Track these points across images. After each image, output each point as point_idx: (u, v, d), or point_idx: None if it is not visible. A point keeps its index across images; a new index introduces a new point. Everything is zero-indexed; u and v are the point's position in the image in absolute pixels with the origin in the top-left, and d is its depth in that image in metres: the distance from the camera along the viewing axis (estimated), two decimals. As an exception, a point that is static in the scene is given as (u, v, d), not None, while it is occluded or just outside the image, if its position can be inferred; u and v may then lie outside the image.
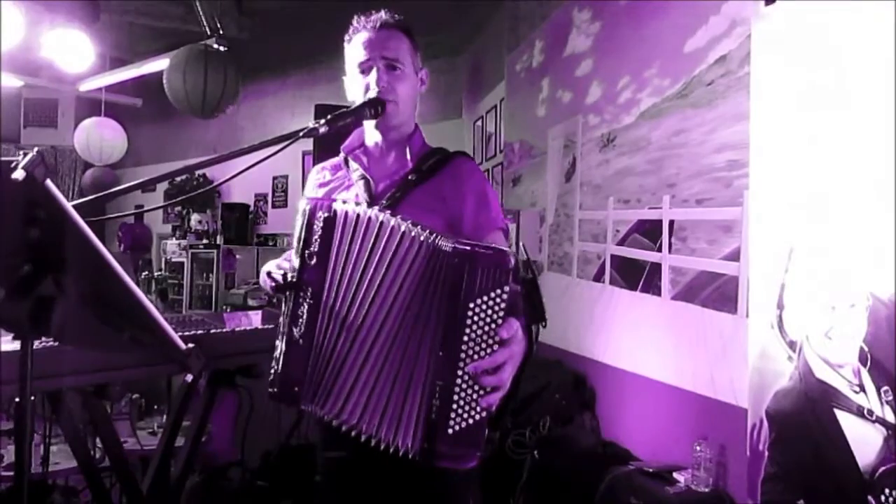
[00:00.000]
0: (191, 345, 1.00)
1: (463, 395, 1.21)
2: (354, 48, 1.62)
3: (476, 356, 1.21)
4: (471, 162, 1.68)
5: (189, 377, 1.11)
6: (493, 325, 1.21)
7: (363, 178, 1.65)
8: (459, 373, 1.21)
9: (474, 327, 1.21)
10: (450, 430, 1.21)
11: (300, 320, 1.38)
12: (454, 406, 1.21)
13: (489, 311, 1.20)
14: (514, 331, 1.22)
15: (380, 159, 1.68)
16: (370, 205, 1.59)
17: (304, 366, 1.37)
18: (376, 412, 1.31)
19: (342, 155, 1.72)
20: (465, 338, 1.21)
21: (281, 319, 1.41)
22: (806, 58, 2.19)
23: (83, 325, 1.03)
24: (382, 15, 1.62)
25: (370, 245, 1.34)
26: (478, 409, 1.22)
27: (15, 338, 0.91)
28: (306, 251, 1.39)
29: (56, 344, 1.34)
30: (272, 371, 1.40)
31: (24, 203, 0.83)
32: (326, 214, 1.39)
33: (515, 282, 1.23)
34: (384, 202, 1.57)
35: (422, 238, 1.30)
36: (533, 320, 1.27)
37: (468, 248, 1.23)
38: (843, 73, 2.03)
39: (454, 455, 1.24)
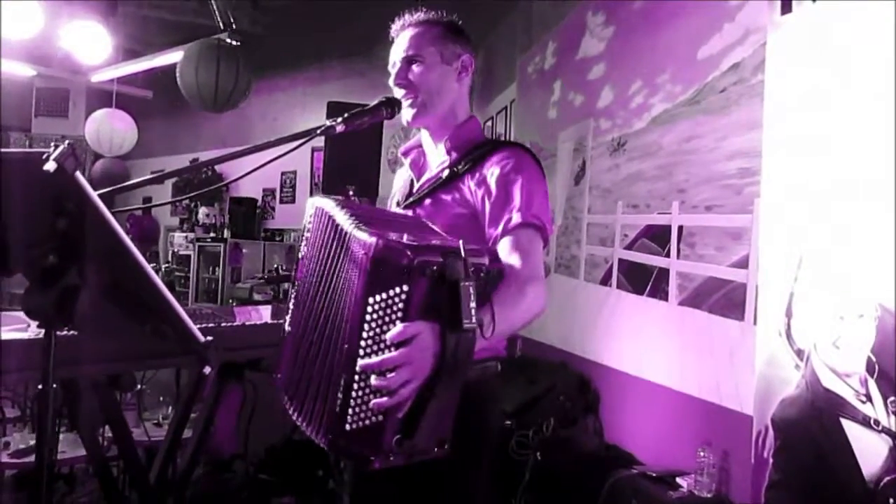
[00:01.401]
0: (209, 338, 1.01)
1: (360, 393, 1.15)
2: (390, 55, 1.64)
3: (373, 355, 1.14)
4: (509, 150, 1.55)
5: (207, 369, 1.12)
6: (390, 326, 1.13)
7: (410, 176, 1.68)
8: (357, 369, 1.15)
9: (373, 324, 1.14)
10: (348, 427, 1.15)
11: (288, 313, 1.44)
12: (352, 403, 1.15)
13: (387, 310, 1.13)
14: (406, 335, 1.11)
15: (430, 156, 1.68)
16: (401, 203, 1.61)
17: (285, 357, 1.42)
18: (307, 402, 1.30)
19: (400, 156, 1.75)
20: (364, 334, 1.14)
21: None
22: (822, 67, 2.19)
23: (106, 316, 1.04)
24: (407, 17, 1.63)
25: (324, 239, 1.35)
26: (374, 410, 1.13)
27: (40, 326, 0.93)
28: (300, 246, 1.44)
29: (72, 333, 1.36)
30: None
31: (54, 194, 0.84)
32: (312, 211, 1.43)
33: (436, 283, 1.12)
34: (411, 199, 1.59)
35: (345, 229, 1.25)
36: (451, 327, 1.12)
37: (373, 240, 1.15)
38: (861, 81, 2.04)
39: (354, 453, 1.17)
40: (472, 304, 1.12)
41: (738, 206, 2.67)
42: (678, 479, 2.73)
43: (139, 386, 3.21)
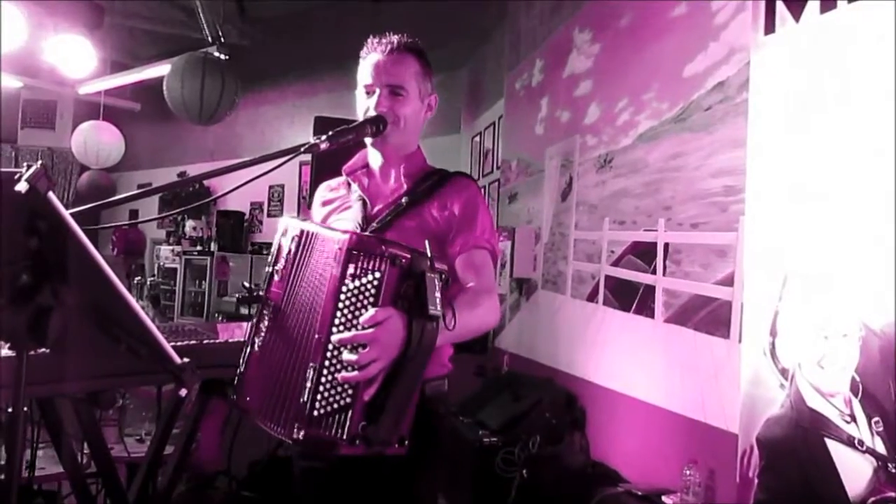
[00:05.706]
0: (186, 359, 0.99)
1: (329, 376, 1.24)
2: (364, 69, 1.64)
3: (346, 332, 1.25)
4: (463, 181, 1.67)
5: (183, 392, 1.11)
6: (363, 311, 1.25)
7: (361, 199, 1.68)
8: (328, 354, 1.25)
9: (345, 310, 1.26)
10: (315, 413, 1.24)
11: (262, 332, 1.45)
12: (321, 388, 1.24)
13: (360, 296, 1.25)
14: (377, 318, 1.22)
15: (380, 180, 1.70)
16: (362, 226, 1.61)
17: (257, 376, 1.42)
18: (277, 406, 1.34)
19: (344, 175, 1.73)
20: (336, 321, 1.26)
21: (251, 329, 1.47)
22: (806, 87, 2.21)
23: (80, 336, 1.03)
24: (395, 39, 1.63)
25: (308, 257, 1.40)
26: (342, 391, 1.23)
27: (10, 347, 0.91)
28: (274, 268, 1.46)
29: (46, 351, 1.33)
30: (235, 378, 1.46)
31: (26, 214, 0.83)
32: (294, 233, 1.45)
33: (404, 274, 1.26)
34: (375, 225, 1.60)
35: (320, 233, 1.39)
36: (417, 315, 1.25)
37: (346, 235, 1.31)
38: (845, 100, 2.05)
39: (319, 439, 1.24)
40: (437, 295, 1.25)
41: (724, 224, 2.68)
42: (664, 498, 2.72)
43: (121, 401, 3.17)
